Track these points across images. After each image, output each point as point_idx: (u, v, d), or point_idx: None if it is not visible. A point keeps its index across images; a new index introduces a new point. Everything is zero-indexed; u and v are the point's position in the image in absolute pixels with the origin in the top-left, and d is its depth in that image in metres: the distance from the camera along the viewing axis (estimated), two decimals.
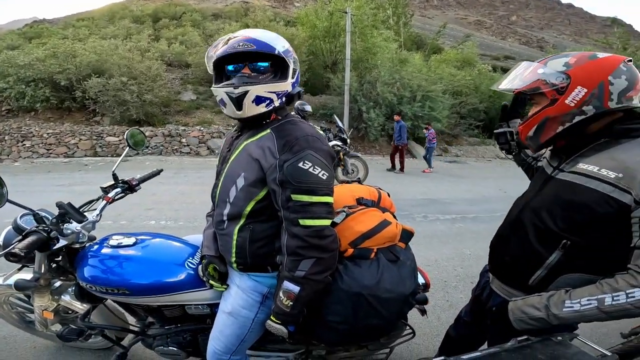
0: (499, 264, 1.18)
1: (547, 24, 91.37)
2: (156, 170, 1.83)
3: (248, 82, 1.07)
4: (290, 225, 1.06)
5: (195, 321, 1.46)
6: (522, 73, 1.05)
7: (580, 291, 0.92)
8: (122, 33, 16.62)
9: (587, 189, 0.91)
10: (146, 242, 1.40)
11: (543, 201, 1.04)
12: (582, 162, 0.96)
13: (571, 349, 0.87)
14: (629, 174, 0.85)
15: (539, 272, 1.03)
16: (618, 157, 0.90)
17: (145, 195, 5.39)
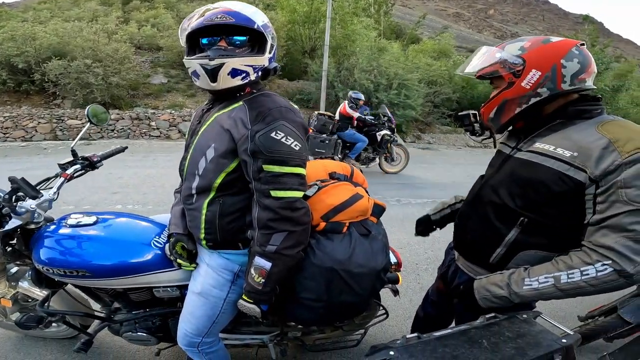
0: (461, 241, 1.22)
1: (522, 19, 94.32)
2: (120, 147, 1.76)
3: (224, 55, 1.05)
4: (261, 197, 1.04)
5: (164, 305, 1.41)
6: (481, 57, 1.09)
7: (538, 269, 0.95)
8: (88, 15, 15.84)
9: (544, 167, 0.95)
10: (109, 222, 1.33)
11: (501, 179, 1.09)
12: (539, 141, 1.02)
13: (536, 326, 0.91)
14: (583, 152, 0.89)
15: (498, 250, 1.06)
16: (572, 136, 0.94)
17: (111, 179, 5.28)
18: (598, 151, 0.86)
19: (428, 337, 0.87)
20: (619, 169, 0.83)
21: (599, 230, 0.87)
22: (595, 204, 0.87)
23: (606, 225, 0.85)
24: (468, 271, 1.20)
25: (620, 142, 0.85)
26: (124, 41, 11.67)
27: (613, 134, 0.87)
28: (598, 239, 0.87)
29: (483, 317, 0.96)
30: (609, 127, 0.91)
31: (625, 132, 0.87)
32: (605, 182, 0.84)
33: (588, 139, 0.90)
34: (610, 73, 18.00)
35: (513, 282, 0.97)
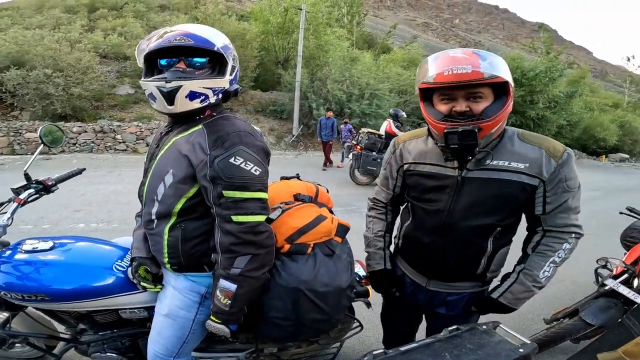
0: (441, 270, 1.22)
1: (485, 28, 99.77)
2: (77, 169, 1.69)
3: (182, 77, 1.03)
4: (222, 222, 1.04)
5: (133, 325, 1.39)
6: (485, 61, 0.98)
7: (537, 264, 1.11)
8: (51, 23, 15.17)
9: (509, 181, 1.05)
10: (67, 246, 1.30)
11: (471, 202, 1.09)
12: (489, 159, 1.06)
13: (495, 337, 0.95)
14: (532, 163, 1.04)
15: (482, 262, 1.16)
16: (516, 151, 1.06)
17: (73, 196, 5.00)
18: (542, 160, 1.03)
19: (394, 352, 0.90)
20: (558, 170, 1.03)
21: (555, 215, 1.08)
22: (545, 198, 1.06)
23: (560, 210, 1.07)
24: (444, 289, 1.25)
25: (550, 150, 1.04)
26: (88, 50, 11.23)
27: (540, 144, 1.06)
28: (560, 222, 1.08)
29: (446, 329, 1.00)
30: (529, 138, 1.08)
31: (543, 140, 1.07)
32: (551, 182, 1.04)
33: (529, 152, 1.05)
34: (564, 79, 19.26)
35: (532, 283, 1.12)
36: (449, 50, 1.04)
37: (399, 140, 1.29)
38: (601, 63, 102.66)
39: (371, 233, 1.38)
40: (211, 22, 12.62)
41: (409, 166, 1.22)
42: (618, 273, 2.03)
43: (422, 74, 1.05)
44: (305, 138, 12.84)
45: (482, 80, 0.95)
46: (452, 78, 0.96)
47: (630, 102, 33.61)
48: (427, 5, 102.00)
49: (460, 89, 0.99)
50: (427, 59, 1.06)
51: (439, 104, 1.06)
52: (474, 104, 1.00)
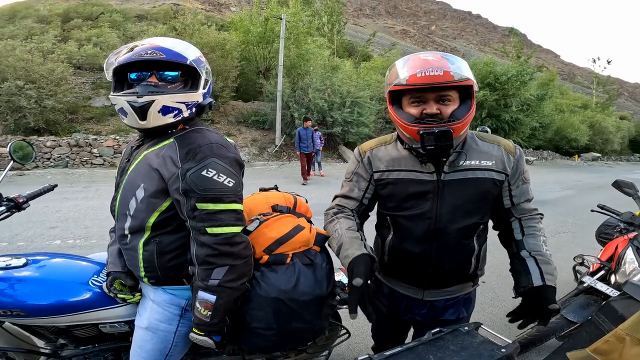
0: (437, 277, 1.18)
1: (459, 34, 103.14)
2: (49, 185, 1.65)
3: (154, 92, 1.01)
4: (197, 235, 1.03)
5: (115, 340, 1.36)
6: (454, 64, 1.00)
7: (536, 245, 1.15)
8: (23, 33, 14.77)
9: (483, 179, 1.10)
10: (41, 262, 1.28)
11: (454, 204, 1.10)
12: (462, 160, 1.09)
13: (477, 338, 0.96)
14: (497, 160, 1.11)
15: (473, 260, 1.18)
16: (481, 150, 1.11)
17: (48, 213, 4.85)
18: (504, 157, 1.11)
19: (379, 356, 0.89)
20: (516, 164, 1.13)
21: (521, 205, 1.17)
22: (511, 191, 1.15)
23: (524, 200, 1.17)
24: (442, 296, 1.23)
25: (507, 147, 1.13)
26: (62, 61, 10.92)
27: (498, 142, 1.14)
28: (526, 208, 1.18)
29: (429, 332, 1.01)
30: (487, 138, 1.15)
31: (498, 139, 1.16)
32: (513, 175, 1.13)
33: (491, 149, 1.12)
34: (535, 83, 20.05)
35: (548, 259, 1.12)
36: (418, 52, 1.07)
37: (364, 149, 1.24)
38: (568, 65, 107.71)
39: (341, 230, 1.16)
40: (190, 32, 12.54)
41: (381, 174, 1.17)
42: (595, 270, 2.09)
43: (392, 76, 1.06)
44: (289, 148, 12.85)
45: (452, 82, 0.97)
46: (425, 80, 0.97)
47: (598, 103, 35.23)
48: (404, 12, 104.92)
49: (432, 92, 1.01)
50: (397, 62, 1.08)
51: (409, 107, 1.06)
52: (444, 106, 1.02)
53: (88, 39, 15.88)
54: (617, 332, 0.76)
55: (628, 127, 32.57)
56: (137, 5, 30.04)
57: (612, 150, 28.46)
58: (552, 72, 29.20)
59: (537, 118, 19.27)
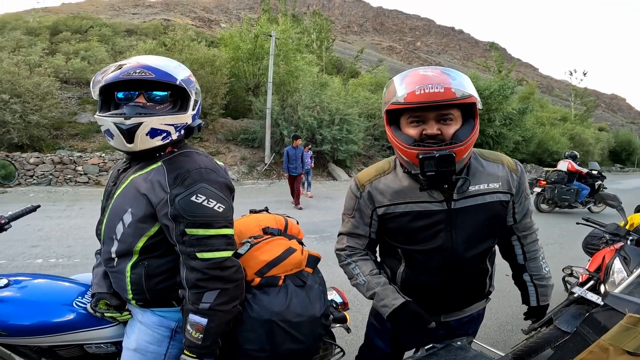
0: (454, 302, 1.19)
1: (444, 49, 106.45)
2: (31, 206, 1.61)
3: (142, 113, 0.99)
4: (187, 259, 1.01)
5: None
6: (455, 80, 0.94)
7: (537, 268, 1.25)
8: (11, 45, 14.50)
9: (492, 202, 1.07)
10: (23, 283, 1.26)
11: (468, 233, 1.06)
12: (470, 186, 1.04)
13: (470, 352, 0.96)
14: (502, 181, 1.09)
15: (487, 281, 1.20)
16: (487, 171, 1.08)
17: (29, 231, 4.76)
18: (508, 176, 1.10)
19: None
20: (518, 182, 1.12)
21: (523, 221, 1.18)
22: (514, 209, 1.14)
23: (525, 215, 1.18)
24: (459, 316, 1.23)
25: (509, 165, 1.12)
26: (48, 75, 10.70)
27: (500, 161, 1.12)
28: (527, 225, 1.20)
29: (422, 348, 1.01)
30: (489, 157, 1.13)
31: (500, 157, 1.15)
32: (517, 194, 1.12)
33: (496, 170, 1.09)
34: (516, 97, 20.67)
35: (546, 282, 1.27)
36: (418, 68, 1.00)
37: (361, 182, 1.13)
38: (547, 78, 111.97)
39: (364, 276, 1.16)
40: (180, 48, 12.59)
41: (386, 209, 1.09)
42: (584, 280, 2.13)
43: (390, 94, 0.98)
44: (278, 166, 12.82)
45: (454, 100, 0.90)
46: (424, 98, 0.90)
47: (576, 115, 36.40)
48: (391, 29, 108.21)
49: (432, 110, 0.93)
50: (395, 79, 1.01)
51: (408, 127, 0.98)
52: (445, 126, 0.95)
53: (76, 52, 15.72)
54: (601, 343, 0.78)
55: (607, 138, 33.72)
56: (127, 20, 30.19)
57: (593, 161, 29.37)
58: (531, 86, 30.24)
59: (519, 132, 19.83)
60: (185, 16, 47.23)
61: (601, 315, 1.08)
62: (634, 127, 68.24)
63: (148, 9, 52.17)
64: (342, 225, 1.23)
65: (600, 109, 79.69)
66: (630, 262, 1.91)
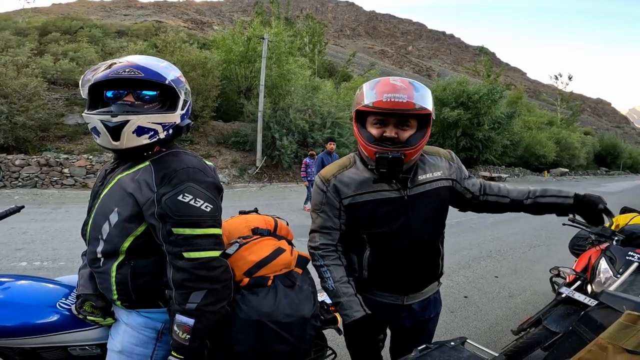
0: (415, 282, 1.31)
1: (434, 54, 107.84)
2: (15, 207, 1.57)
3: (130, 111, 0.99)
4: (174, 259, 1.00)
5: None
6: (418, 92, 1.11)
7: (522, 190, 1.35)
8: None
9: (439, 188, 1.24)
10: (6, 284, 1.24)
11: (423, 218, 1.23)
12: (419, 175, 1.22)
13: (464, 352, 0.96)
14: (443, 169, 1.27)
15: (440, 262, 1.31)
16: (427, 162, 1.25)
17: (14, 234, 4.66)
18: (445, 164, 1.28)
19: None
20: (454, 166, 1.30)
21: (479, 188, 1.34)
22: (465, 187, 1.31)
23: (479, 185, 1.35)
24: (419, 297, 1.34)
25: (444, 156, 1.31)
26: (36, 75, 10.50)
27: (437, 153, 1.30)
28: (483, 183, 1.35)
29: (416, 349, 1.00)
30: (427, 150, 1.29)
31: (436, 149, 1.32)
32: (458, 176, 1.30)
33: (437, 160, 1.27)
34: (504, 101, 20.98)
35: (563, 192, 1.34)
36: (389, 77, 1.17)
37: (326, 177, 1.24)
38: (534, 83, 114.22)
39: (334, 282, 1.27)
40: (171, 50, 12.49)
41: (352, 199, 1.21)
42: (571, 280, 2.15)
43: (361, 97, 1.14)
44: (269, 169, 12.79)
45: (412, 111, 1.08)
46: (389, 105, 1.07)
47: (563, 119, 37.15)
48: (383, 33, 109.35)
49: (393, 116, 1.11)
50: (367, 84, 1.17)
51: (371, 127, 1.15)
52: (402, 131, 1.13)
53: (65, 53, 15.47)
54: (599, 341, 0.78)
55: (592, 142, 34.49)
56: (118, 21, 29.91)
57: (579, 165, 30.01)
58: (519, 90, 30.76)
59: (507, 136, 20.15)
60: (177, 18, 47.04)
61: (597, 314, 1.09)
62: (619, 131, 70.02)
63: (140, 11, 51.84)
64: (313, 222, 1.32)
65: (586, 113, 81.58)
66: (616, 262, 1.95)
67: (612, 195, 12.88)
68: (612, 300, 1.14)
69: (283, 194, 10.33)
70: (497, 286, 3.58)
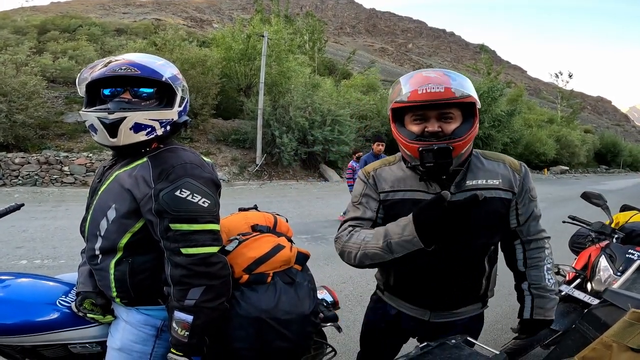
0: (445, 299, 1.18)
1: (434, 52, 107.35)
2: (15, 204, 1.58)
3: (127, 108, 1.00)
4: (172, 255, 1.00)
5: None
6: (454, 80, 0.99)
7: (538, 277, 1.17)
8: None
9: (491, 198, 1.06)
10: (6, 282, 1.25)
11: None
12: (467, 180, 1.07)
13: (465, 350, 0.96)
14: (504, 178, 1.09)
15: (484, 282, 1.18)
16: (486, 168, 1.10)
17: (14, 232, 4.67)
18: (510, 174, 1.09)
19: None
20: (522, 182, 1.11)
21: (529, 225, 1.15)
22: (517, 210, 1.12)
23: (532, 219, 1.15)
24: (449, 318, 1.21)
25: (511, 165, 1.12)
26: (35, 74, 10.52)
27: (502, 160, 1.13)
28: (533, 230, 1.17)
29: (417, 347, 1.00)
30: (491, 156, 1.15)
31: (502, 157, 1.15)
32: (520, 194, 1.10)
33: (497, 168, 1.10)
34: (504, 99, 20.94)
35: (547, 293, 1.17)
36: (422, 70, 1.06)
37: (368, 170, 1.20)
38: (535, 81, 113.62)
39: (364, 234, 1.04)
40: (170, 48, 12.46)
41: (387, 195, 1.13)
42: (571, 278, 2.15)
43: (395, 93, 1.04)
44: (269, 167, 12.77)
45: (453, 99, 0.96)
46: (425, 97, 0.96)
47: (563, 117, 37.04)
48: (383, 31, 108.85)
49: (433, 109, 0.99)
50: (400, 79, 1.06)
51: (411, 125, 1.04)
52: (445, 124, 1.00)
53: (64, 51, 15.46)
54: (604, 340, 0.77)
55: (592, 140, 34.43)
56: (117, 20, 29.85)
57: (579, 163, 29.98)
58: (520, 88, 30.70)
59: (507, 134, 20.13)
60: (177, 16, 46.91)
61: (601, 312, 1.08)
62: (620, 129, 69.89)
63: (139, 9, 51.64)
64: (347, 215, 1.19)
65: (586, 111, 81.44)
66: (616, 259, 1.95)
67: (612, 194, 12.85)
68: (616, 298, 1.13)
69: (283, 192, 10.31)
70: (498, 284, 3.55)
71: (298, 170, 13.10)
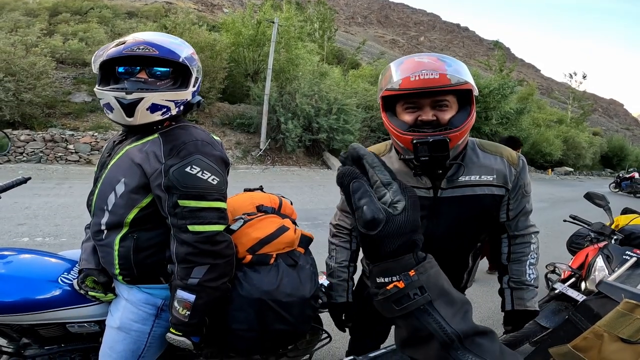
0: None
1: (447, 46, 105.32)
2: (21, 178, 1.60)
3: (144, 89, 1.00)
4: (178, 232, 1.01)
5: (84, 340, 1.32)
6: (451, 66, 0.92)
7: (519, 271, 1.17)
8: (8, 26, 14.14)
9: (483, 195, 1.04)
10: (8, 258, 1.24)
11: (450, 223, 1.05)
12: (460, 176, 1.02)
13: None
14: (498, 174, 1.05)
15: (465, 276, 1.20)
16: (482, 163, 1.05)
17: (16, 209, 4.69)
18: (505, 170, 1.05)
19: (364, 358, 0.89)
20: (517, 177, 1.07)
21: (518, 220, 1.13)
22: (509, 205, 1.09)
23: (521, 215, 1.13)
24: None
25: (509, 158, 1.07)
26: (45, 55, 10.51)
27: (500, 153, 1.07)
28: (521, 225, 1.15)
29: None
30: (489, 148, 1.09)
31: (501, 149, 1.09)
32: (513, 189, 1.07)
33: (492, 162, 1.05)
34: (515, 96, 20.62)
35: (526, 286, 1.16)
36: (413, 55, 0.98)
37: None
38: (547, 80, 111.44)
39: (335, 262, 1.29)
40: (180, 31, 12.36)
41: None
42: (566, 277, 2.16)
43: (385, 80, 0.97)
44: (273, 152, 12.74)
45: (449, 86, 0.89)
46: (419, 84, 0.88)
47: (572, 118, 36.38)
48: (395, 22, 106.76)
49: (427, 97, 0.92)
50: (391, 65, 0.99)
51: (403, 114, 0.97)
52: (440, 112, 0.93)
53: (74, 33, 15.35)
54: (595, 329, 0.78)
55: (600, 142, 33.89)
56: (128, 2, 29.45)
57: (584, 165, 29.62)
58: (531, 87, 30.15)
59: (515, 132, 19.85)
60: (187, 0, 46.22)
61: (594, 303, 1.09)
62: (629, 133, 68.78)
63: None
64: (335, 217, 1.33)
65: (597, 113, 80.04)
66: (613, 260, 1.95)
67: (614, 196, 12.78)
68: (610, 290, 1.14)
69: (286, 177, 10.35)
70: (490, 280, 3.59)
71: (301, 157, 13.05)
